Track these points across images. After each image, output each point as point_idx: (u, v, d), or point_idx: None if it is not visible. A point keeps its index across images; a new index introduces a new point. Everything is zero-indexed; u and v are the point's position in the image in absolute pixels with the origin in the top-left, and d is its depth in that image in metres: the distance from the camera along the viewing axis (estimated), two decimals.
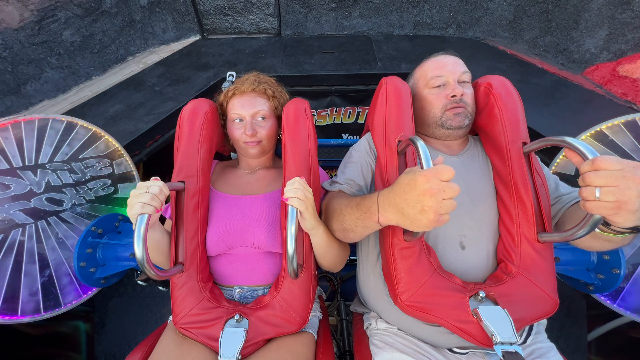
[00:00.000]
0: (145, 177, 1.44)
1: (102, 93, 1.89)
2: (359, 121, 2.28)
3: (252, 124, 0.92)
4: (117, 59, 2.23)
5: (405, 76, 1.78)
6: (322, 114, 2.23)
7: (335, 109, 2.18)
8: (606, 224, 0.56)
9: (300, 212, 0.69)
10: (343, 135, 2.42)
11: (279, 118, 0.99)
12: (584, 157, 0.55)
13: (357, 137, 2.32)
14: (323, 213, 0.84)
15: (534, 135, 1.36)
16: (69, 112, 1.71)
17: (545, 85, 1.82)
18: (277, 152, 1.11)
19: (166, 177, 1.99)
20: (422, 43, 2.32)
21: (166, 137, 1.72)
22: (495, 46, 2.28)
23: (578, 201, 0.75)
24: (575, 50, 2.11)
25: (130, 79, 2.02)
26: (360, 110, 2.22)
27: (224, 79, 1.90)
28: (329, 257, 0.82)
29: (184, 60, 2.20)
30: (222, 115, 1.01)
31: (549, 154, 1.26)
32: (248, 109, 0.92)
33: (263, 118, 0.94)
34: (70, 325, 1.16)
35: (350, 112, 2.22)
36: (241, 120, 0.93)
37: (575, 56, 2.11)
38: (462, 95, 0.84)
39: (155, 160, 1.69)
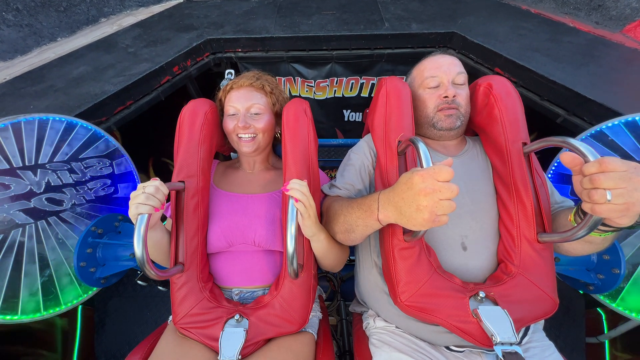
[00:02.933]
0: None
1: (67, 55, 1.67)
2: (362, 94, 2.04)
3: (245, 117, 0.91)
4: (87, 20, 1.97)
5: (416, 37, 1.66)
6: (321, 85, 1.99)
7: (336, 79, 1.95)
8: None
9: (302, 216, 0.69)
10: (344, 111, 2.19)
11: (277, 116, 0.99)
12: (585, 159, 0.55)
13: (360, 113, 2.16)
14: (324, 216, 0.84)
15: (575, 96, 1.26)
16: (27, 75, 1.53)
17: (579, 44, 1.62)
18: (277, 152, 1.10)
19: (150, 157, 1.76)
20: (434, 4, 2.07)
21: (141, 104, 1.49)
22: (517, 6, 2.05)
23: (563, 208, 0.77)
24: (613, 6, 1.85)
25: (101, 40, 1.80)
26: (364, 81, 1.97)
27: (209, 42, 1.75)
28: (329, 260, 0.83)
29: (165, 22, 1.98)
30: (221, 112, 1.01)
31: (549, 154, 1.26)
32: (243, 102, 0.92)
33: (258, 113, 0.93)
34: (42, 321, 1.03)
35: (352, 83, 1.99)
36: (235, 113, 0.93)
37: (612, 12, 1.85)
38: (454, 96, 0.85)
39: (129, 131, 1.51)
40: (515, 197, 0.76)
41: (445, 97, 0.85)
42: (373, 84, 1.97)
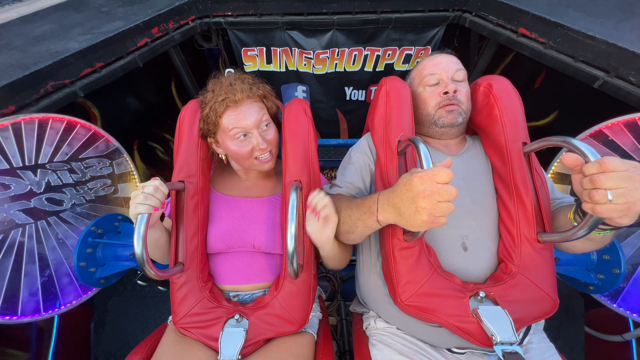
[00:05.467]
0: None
1: (31, 14, 1.48)
2: (365, 69, 1.83)
3: (262, 136, 0.83)
4: None
5: None
6: (320, 57, 1.76)
7: (337, 50, 1.73)
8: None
9: (329, 221, 0.70)
10: (346, 89, 1.97)
11: (275, 119, 0.98)
12: (585, 159, 0.55)
13: (363, 91, 1.99)
14: None
15: (618, 52, 1.09)
16: None
17: (617, 0, 1.42)
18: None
19: (135, 139, 1.60)
20: None
21: (114, 68, 1.27)
22: None
23: (563, 205, 0.77)
24: None
25: (72, 0, 1.60)
26: (368, 52, 1.75)
27: (194, 2, 1.54)
28: (335, 261, 0.83)
29: None
30: (207, 130, 0.87)
31: (549, 154, 1.25)
32: (250, 119, 0.81)
33: (267, 124, 0.86)
34: None
35: (355, 55, 1.77)
36: (246, 135, 0.82)
37: None
38: (455, 92, 0.84)
39: (104, 104, 1.30)
40: (515, 196, 0.76)
41: (446, 92, 0.85)
42: (378, 56, 1.78)
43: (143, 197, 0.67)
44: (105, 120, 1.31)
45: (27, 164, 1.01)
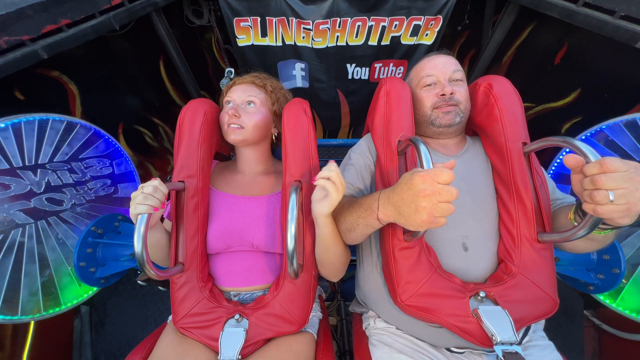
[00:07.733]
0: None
1: None
2: (369, 42, 1.65)
3: (237, 107, 0.92)
4: None
5: None
6: (320, 28, 1.58)
7: (339, 21, 1.55)
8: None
9: (330, 192, 0.66)
10: (348, 66, 1.79)
11: (276, 116, 0.99)
12: (586, 159, 0.55)
13: (367, 69, 1.83)
14: None
15: None
16: None
17: None
18: (277, 154, 1.10)
19: (120, 122, 1.45)
20: None
21: (84, 28, 1.08)
22: None
23: (564, 205, 0.77)
24: None
25: None
26: (373, 23, 1.57)
27: None
28: (331, 258, 0.79)
29: None
30: (222, 106, 1.02)
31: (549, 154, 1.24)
32: (240, 94, 0.94)
33: (253, 104, 0.94)
34: None
35: (359, 26, 1.59)
36: (230, 103, 0.94)
37: None
38: (452, 94, 0.85)
39: (80, 76, 1.14)
40: (515, 196, 0.76)
41: (443, 94, 0.85)
42: (384, 27, 1.60)
43: (143, 197, 0.67)
44: (85, 100, 1.14)
45: (27, 164, 1.00)
